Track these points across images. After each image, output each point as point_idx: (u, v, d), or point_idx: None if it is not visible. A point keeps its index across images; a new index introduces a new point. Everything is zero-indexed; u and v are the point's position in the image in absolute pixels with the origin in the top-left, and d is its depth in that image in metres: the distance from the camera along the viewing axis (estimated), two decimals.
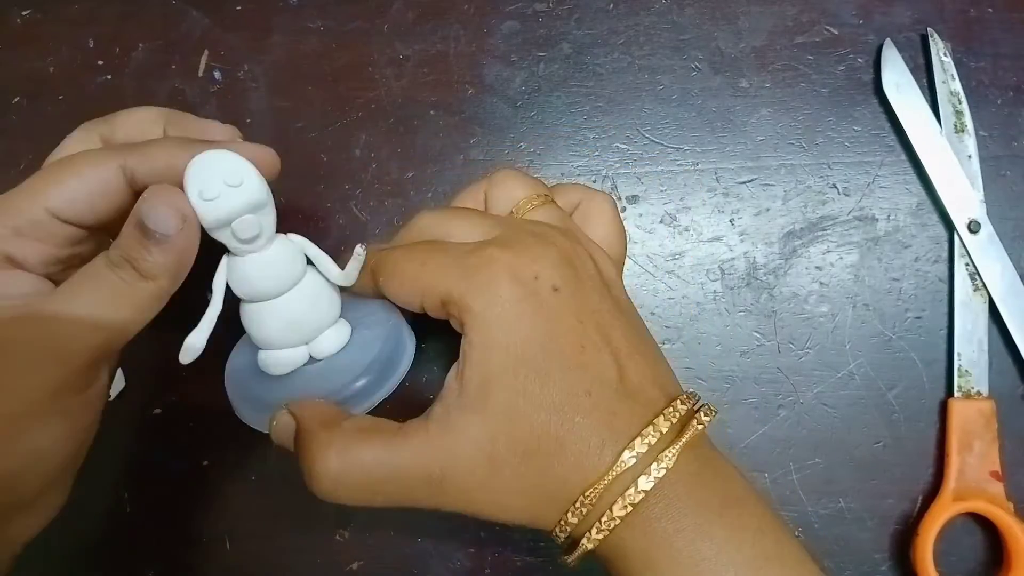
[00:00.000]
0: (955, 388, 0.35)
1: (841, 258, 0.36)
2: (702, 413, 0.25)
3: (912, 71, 0.36)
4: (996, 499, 0.34)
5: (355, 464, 0.24)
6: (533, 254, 0.25)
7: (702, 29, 0.38)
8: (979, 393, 0.35)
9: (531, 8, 0.38)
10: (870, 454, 0.35)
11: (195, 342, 0.25)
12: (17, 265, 0.24)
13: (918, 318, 0.36)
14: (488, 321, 0.24)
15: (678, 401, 0.25)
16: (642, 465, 0.23)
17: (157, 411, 0.36)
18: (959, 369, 0.35)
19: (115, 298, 0.23)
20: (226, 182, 0.24)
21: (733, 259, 0.37)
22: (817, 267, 0.36)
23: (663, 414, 0.24)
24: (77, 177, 0.24)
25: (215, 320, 0.26)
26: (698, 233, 0.37)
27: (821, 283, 0.36)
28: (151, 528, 0.36)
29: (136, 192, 0.25)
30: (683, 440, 0.24)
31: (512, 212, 0.29)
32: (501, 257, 0.25)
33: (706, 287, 0.36)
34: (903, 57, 0.36)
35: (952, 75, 0.36)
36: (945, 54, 0.36)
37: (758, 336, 0.36)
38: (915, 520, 0.34)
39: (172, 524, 0.36)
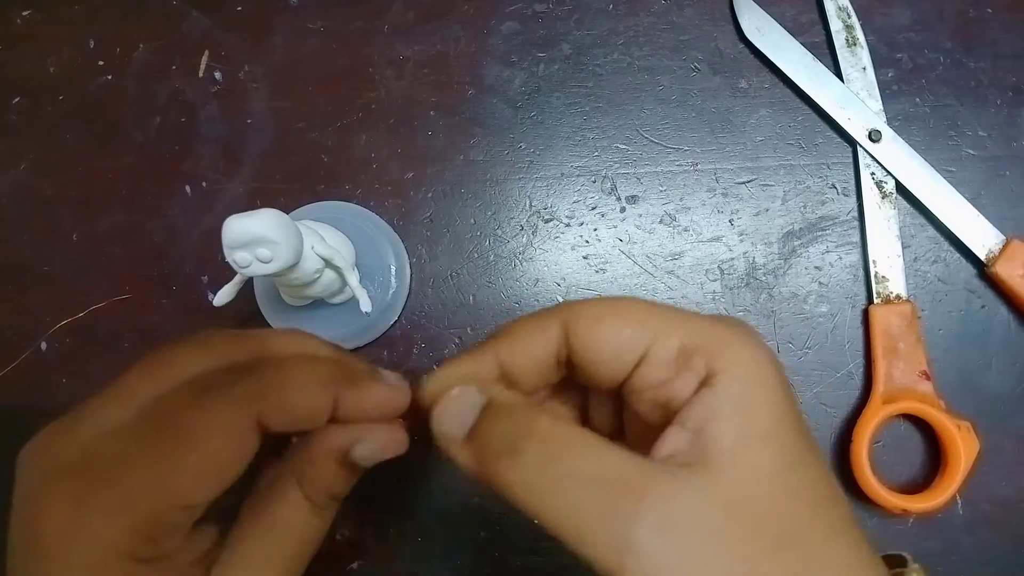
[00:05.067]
0: (874, 295, 0.35)
1: (840, 258, 0.36)
2: None
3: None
4: (926, 398, 0.34)
5: (564, 472, 0.19)
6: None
7: (701, 30, 0.38)
8: (898, 297, 0.35)
9: (531, 9, 0.38)
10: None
11: (227, 293, 0.30)
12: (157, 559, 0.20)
13: (917, 318, 0.36)
14: (758, 376, 0.20)
15: None
16: None
17: None
18: (876, 276, 0.35)
19: (312, 537, 0.23)
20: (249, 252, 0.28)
21: (732, 259, 0.37)
22: (816, 267, 0.36)
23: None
24: (212, 453, 0.20)
25: (242, 283, 0.30)
26: (697, 233, 0.37)
27: (820, 283, 0.36)
28: None
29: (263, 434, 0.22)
30: None
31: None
32: (742, 323, 0.22)
33: (705, 287, 0.36)
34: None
35: None
36: None
37: None
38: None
39: None
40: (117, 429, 0.20)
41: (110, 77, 0.39)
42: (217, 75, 0.39)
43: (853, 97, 0.36)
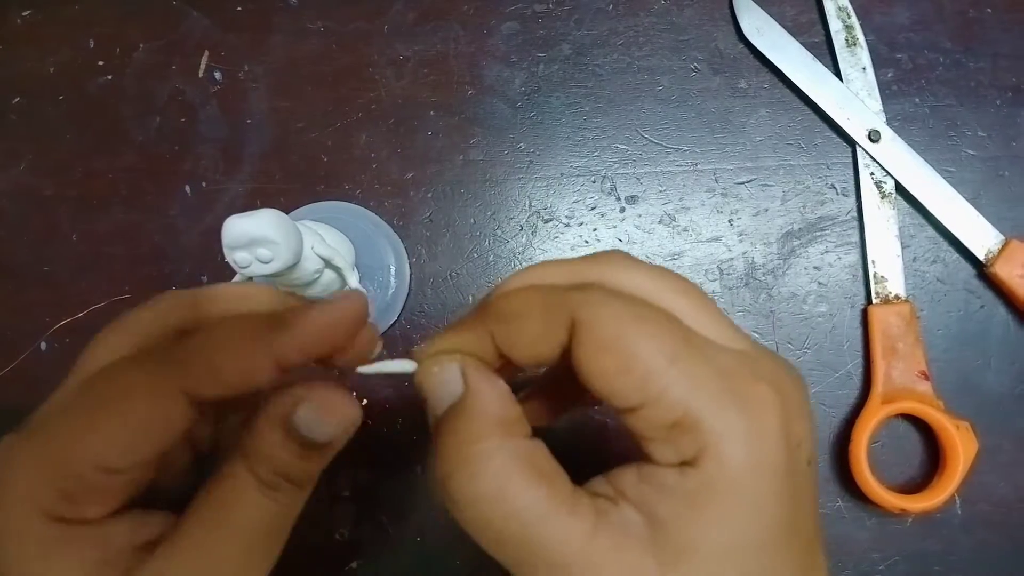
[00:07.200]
0: (873, 295, 0.35)
1: (840, 258, 0.36)
2: None
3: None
4: (925, 398, 0.34)
5: (508, 504, 0.18)
6: (800, 408, 0.19)
7: (701, 30, 0.38)
8: (897, 297, 0.35)
9: (531, 9, 0.38)
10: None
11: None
12: (80, 523, 0.19)
13: (916, 318, 0.36)
14: (742, 484, 0.18)
15: None
16: None
17: None
18: (875, 276, 0.35)
19: (268, 522, 0.20)
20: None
21: (732, 259, 0.37)
22: (816, 267, 0.36)
23: None
24: (129, 417, 0.19)
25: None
26: (697, 233, 0.37)
27: (820, 283, 0.36)
28: None
29: (197, 406, 0.20)
30: None
31: None
32: (774, 401, 0.18)
33: (705, 287, 0.36)
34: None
35: None
36: None
37: (757, 336, 0.36)
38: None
39: None
40: (63, 397, 0.21)
41: (110, 77, 0.39)
42: (217, 75, 0.39)
43: (853, 97, 0.36)
